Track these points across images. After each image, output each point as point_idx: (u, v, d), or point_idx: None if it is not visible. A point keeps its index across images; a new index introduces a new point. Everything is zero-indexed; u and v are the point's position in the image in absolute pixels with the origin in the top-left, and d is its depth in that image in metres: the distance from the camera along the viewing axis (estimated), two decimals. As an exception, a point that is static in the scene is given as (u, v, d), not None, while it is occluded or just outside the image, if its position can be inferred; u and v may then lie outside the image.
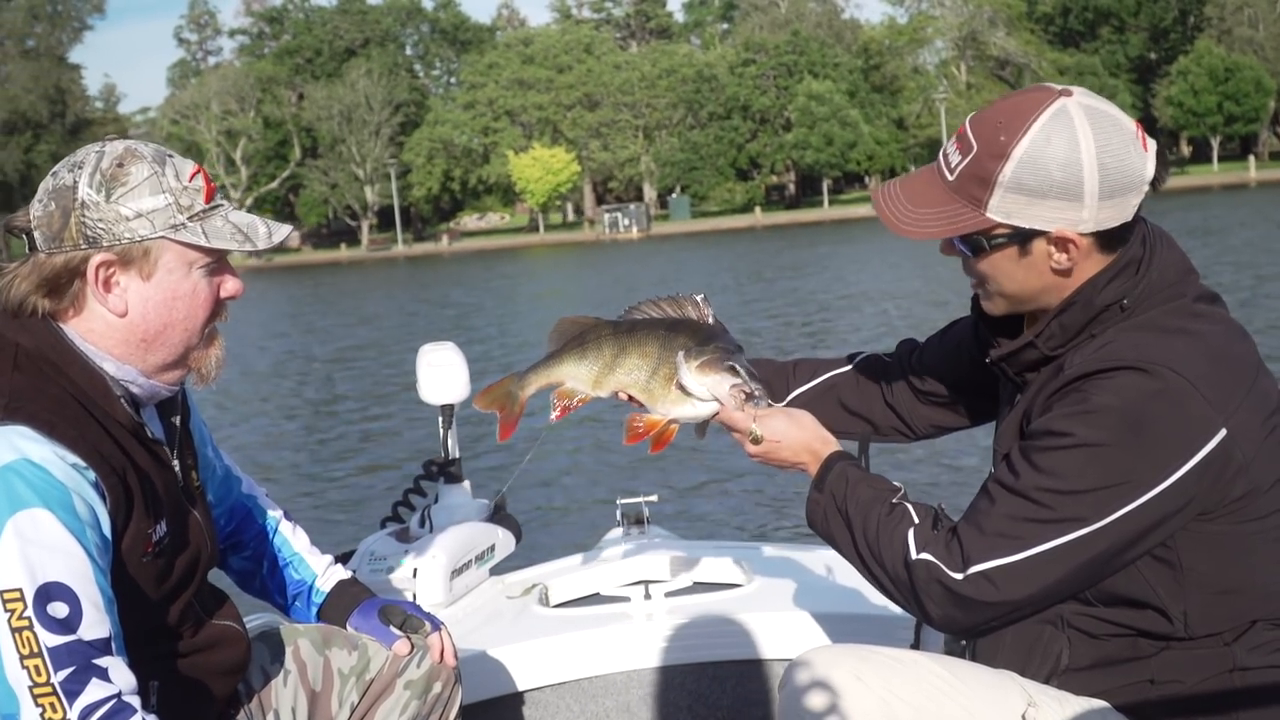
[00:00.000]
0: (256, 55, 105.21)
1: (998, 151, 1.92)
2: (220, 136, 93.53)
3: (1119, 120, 1.93)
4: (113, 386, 2.00)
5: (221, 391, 20.22)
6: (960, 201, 1.97)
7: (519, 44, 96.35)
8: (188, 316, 2.04)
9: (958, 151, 1.99)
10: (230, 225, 2.03)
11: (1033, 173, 1.90)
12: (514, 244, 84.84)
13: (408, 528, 3.65)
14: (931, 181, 2.03)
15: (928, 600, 1.95)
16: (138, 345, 2.02)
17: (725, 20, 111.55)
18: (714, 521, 8.76)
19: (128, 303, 1.99)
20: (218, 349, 2.12)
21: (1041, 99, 1.93)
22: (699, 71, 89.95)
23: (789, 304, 26.17)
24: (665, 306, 2.30)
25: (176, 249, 2.00)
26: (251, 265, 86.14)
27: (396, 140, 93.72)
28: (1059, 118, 1.90)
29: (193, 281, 2.03)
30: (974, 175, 1.95)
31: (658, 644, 3.27)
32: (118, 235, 1.95)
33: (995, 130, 1.93)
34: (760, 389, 2.13)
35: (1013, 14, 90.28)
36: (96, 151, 2.00)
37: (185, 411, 2.26)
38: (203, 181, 2.03)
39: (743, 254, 45.89)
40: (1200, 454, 1.86)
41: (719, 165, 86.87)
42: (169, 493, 2.08)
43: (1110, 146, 1.90)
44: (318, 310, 40.21)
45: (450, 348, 3.75)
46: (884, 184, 2.11)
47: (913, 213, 2.03)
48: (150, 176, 1.97)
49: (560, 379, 2.29)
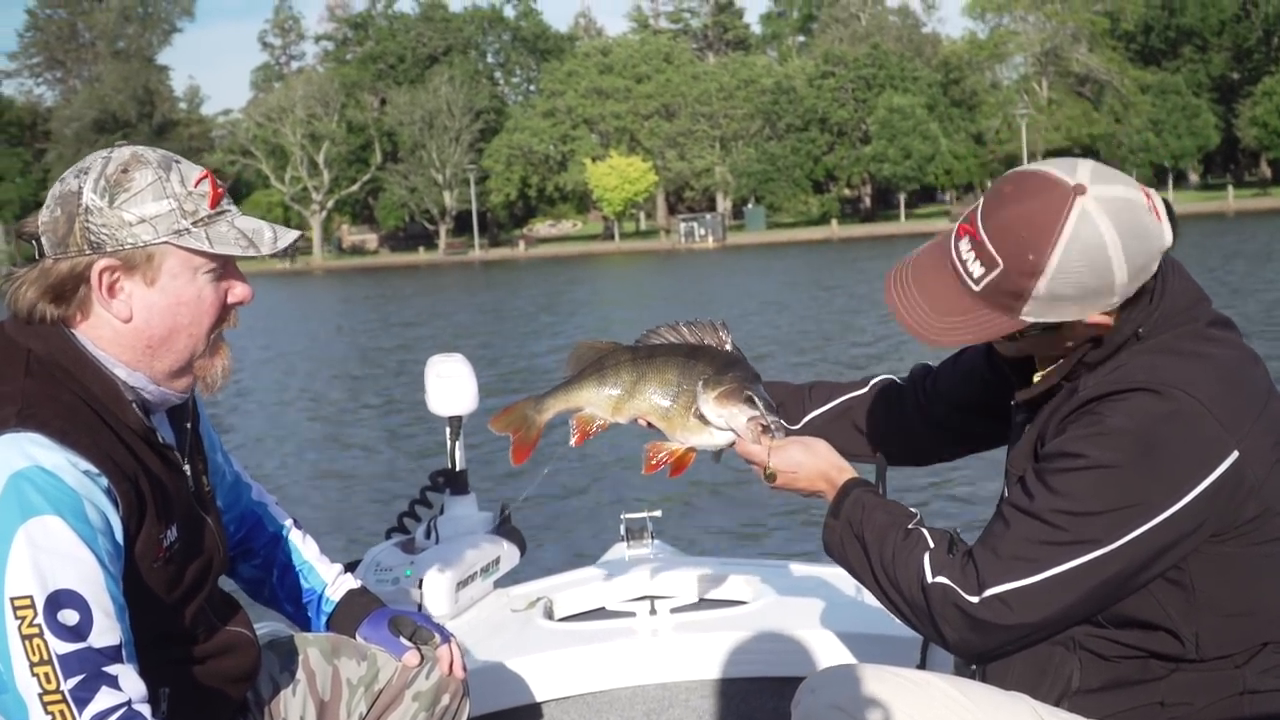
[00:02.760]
0: (340, 60, 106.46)
1: (1028, 270, 1.91)
2: (304, 140, 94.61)
3: (1133, 201, 1.92)
4: (124, 392, 1.99)
5: (241, 393, 20.23)
6: (989, 309, 1.97)
7: (598, 53, 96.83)
8: (193, 322, 2.02)
9: (979, 262, 1.96)
10: (235, 230, 2.01)
11: (1066, 285, 1.90)
12: (590, 251, 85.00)
13: (413, 539, 3.62)
14: (953, 287, 2.01)
15: (944, 624, 1.95)
16: (144, 351, 2.00)
17: (802, 33, 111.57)
18: (718, 536, 8.73)
19: (132, 308, 1.98)
20: (224, 358, 2.10)
21: (1059, 205, 1.90)
22: (777, 83, 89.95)
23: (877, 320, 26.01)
24: (684, 331, 2.29)
25: (180, 254, 1.98)
26: (331, 266, 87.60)
27: (476, 146, 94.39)
28: (1083, 223, 1.89)
29: (198, 287, 2.01)
30: (1004, 289, 1.94)
31: (663, 660, 3.26)
32: (121, 240, 1.94)
33: (1022, 248, 1.91)
34: (777, 421, 2.14)
35: (1095, 30, 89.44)
36: (103, 157, 1.99)
37: (195, 417, 2.26)
38: (209, 187, 2.01)
39: (823, 265, 45.86)
40: (1213, 476, 1.87)
41: (795, 177, 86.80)
42: (181, 498, 2.07)
43: (1133, 235, 1.90)
44: (390, 310, 40.29)
45: (459, 359, 3.70)
46: (897, 277, 2.09)
47: (939, 321, 2.02)
48: (154, 182, 1.96)
49: (579, 404, 2.28)
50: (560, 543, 8.73)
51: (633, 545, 3.97)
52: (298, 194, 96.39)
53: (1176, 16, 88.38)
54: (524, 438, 2.30)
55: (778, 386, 2.61)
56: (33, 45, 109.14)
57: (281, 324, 36.67)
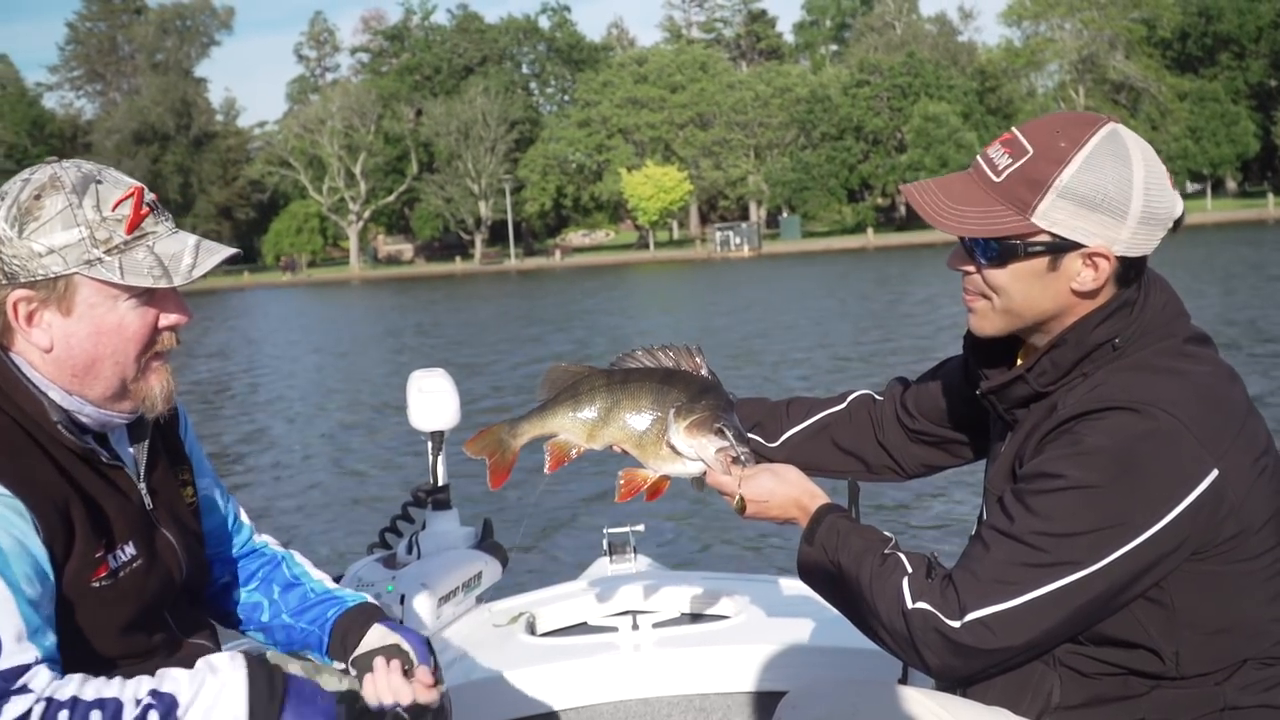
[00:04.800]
0: (376, 72, 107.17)
1: (1057, 157, 1.91)
2: (342, 151, 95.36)
3: (1155, 157, 1.96)
4: (52, 413, 1.94)
5: (240, 406, 20.10)
6: (1004, 204, 1.95)
7: (633, 63, 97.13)
8: (116, 350, 1.97)
9: (1007, 155, 1.97)
10: (152, 257, 1.95)
11: (1088, 181, 1.90)
12: (625, 260, 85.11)
13: (395, 554, 3.62)
14: (971, 182, 2.01)
15: (925, 650, 1.92)
16: (70, 379, 1.96)
17: (835, 42, 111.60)
18: (701, 550, 8.69)
19: (52, 338, 1.94)
20: (162, 378, 2.04)
21: (1093, 119, 1.95)
22: (812, 92, 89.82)
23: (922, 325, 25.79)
24: (659, 355, 2.27)
25: (93, 284, 1.92)
26: (368, 276, 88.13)
27: (511, 156, 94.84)
28: (1114, 137, 1.93)
29: (119, 315, 1.95)
30: (1027, 177, 1.93)
31: (645, 675, 3.25)
32: (32, 271, 1.90)
33: (1054, 137, 1.93)
34: (747, 452, 2.12)
35: (1132, 38, 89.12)
36: (22, 180, 1.94)
37: (172, 434, 2.24)
38: (129, 209, 1.94)
39: (860, 274, 45.77)
40: (1193, 494, 1.85)
41: (830, 186, 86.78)
42: (128, 517, 2.03)
43: (1155, 175, 1.93)
44: (436, 318, 40.26)
45: (441, 374, 3.70)
46: (917, 181, 2.09)
47: (952, 208, 2.00)
48: (64, 210, 1.90)
49: (553, 430, 2.26)
50: (543, 557, 8.68)
51: (615, 560, 3.95)
52: (335, 204, 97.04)
53: (1214, 23, 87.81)
54: (499, 462, 2.28)
55: (755, 404, 2.62)
56: (73, 58, 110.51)
57: (307, 335, 36.96)
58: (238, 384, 24.43)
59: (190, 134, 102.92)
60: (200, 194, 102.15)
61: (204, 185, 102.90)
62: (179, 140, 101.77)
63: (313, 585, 2.44)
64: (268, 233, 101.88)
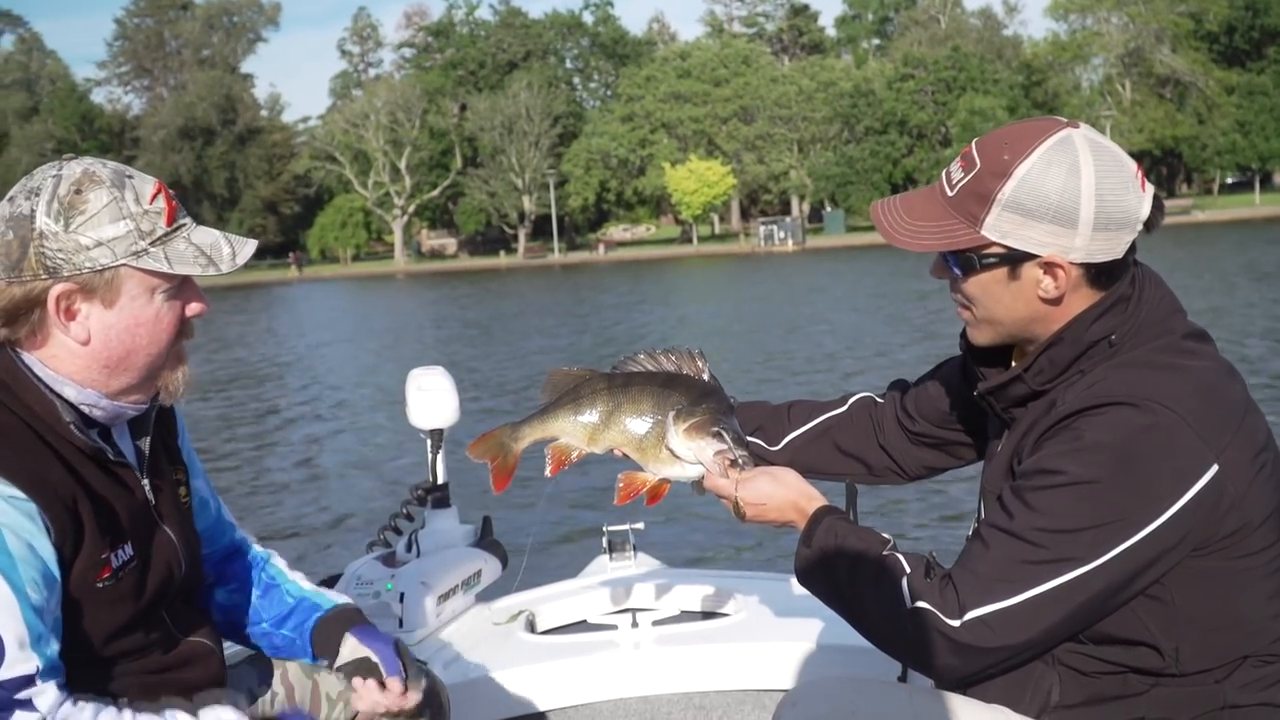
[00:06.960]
0: (420, 67, 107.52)
1: (1000, 170, 1.92)
2: (387, 146, 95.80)
3: (1120, 158, 1.94)
4: (63, 412, 1.94)
5: (233, 401, 20.03)
6: (957, 218, 1.97)
7: (676, 58, 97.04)
8: (152, 341, 1.99)
9: (960, 169, 1.99)
10: (193, 248, 1.98)
11: (1031, 193, 1.91)
12: (669, 254, 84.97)
13: (394, 552, 3.63)
14: (931, 197, 2.03)
15: (926, 650, 1.91)
16: (100, 371, 1.97)
17: (878, 36, 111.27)
18: (701, 548, 8.64)
19: (90, 330, 1.94)
20: (184, 368, 2.07)
21: (1048, 127, 1.95)
22: (856, 86, 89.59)
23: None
24: (661, 359, 2.28)
25: (139, 276, 1.94)
26: (413, 270, 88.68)
27: (555, 151, 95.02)
28: (1063, 145, 1.91)
29: (156, 307, 1.98)
30: (974, 192, 1.95)
31: (645, 673, 3.26)
32: (78, 265, 1.90)
33: (999, 150, 1.94)
34: (744, 455, 2.12)
35: (1178, 31, 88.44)
36: (54, 176, 1.93)
37: (167, 433, 2.24)
38: (164, 202, 1.96)
39: (908, 267, 45.71)
40: (1193, 490, 1.84)
41: (874, 180, 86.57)
42: (132, 515, 2.03)
43: (1109, 180, 1.91)
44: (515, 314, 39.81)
45: (440, 372, 3.69)
46: (885, 199, 2.13)
47: (909, 224, 2.03)
48: (110, 203, 1.91)
49: (554, 434, 2.27)
50: (542, 555, 8.60)
51: (615, 558, 3.94)
52: (380, 199, 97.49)
53: (1261, 17, 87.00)
54: (501, 465, 2.28)
55: (757, 407, 2.62)
56: (121, 54, 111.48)
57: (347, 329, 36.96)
58: (251, 376, 24.47)
59: (236, 129, 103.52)
60: (246, 189, 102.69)
61: (249, 180, 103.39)
62: (225, 135, 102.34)
63: (289, 587, 2.45)
64: (313, 227, 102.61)
